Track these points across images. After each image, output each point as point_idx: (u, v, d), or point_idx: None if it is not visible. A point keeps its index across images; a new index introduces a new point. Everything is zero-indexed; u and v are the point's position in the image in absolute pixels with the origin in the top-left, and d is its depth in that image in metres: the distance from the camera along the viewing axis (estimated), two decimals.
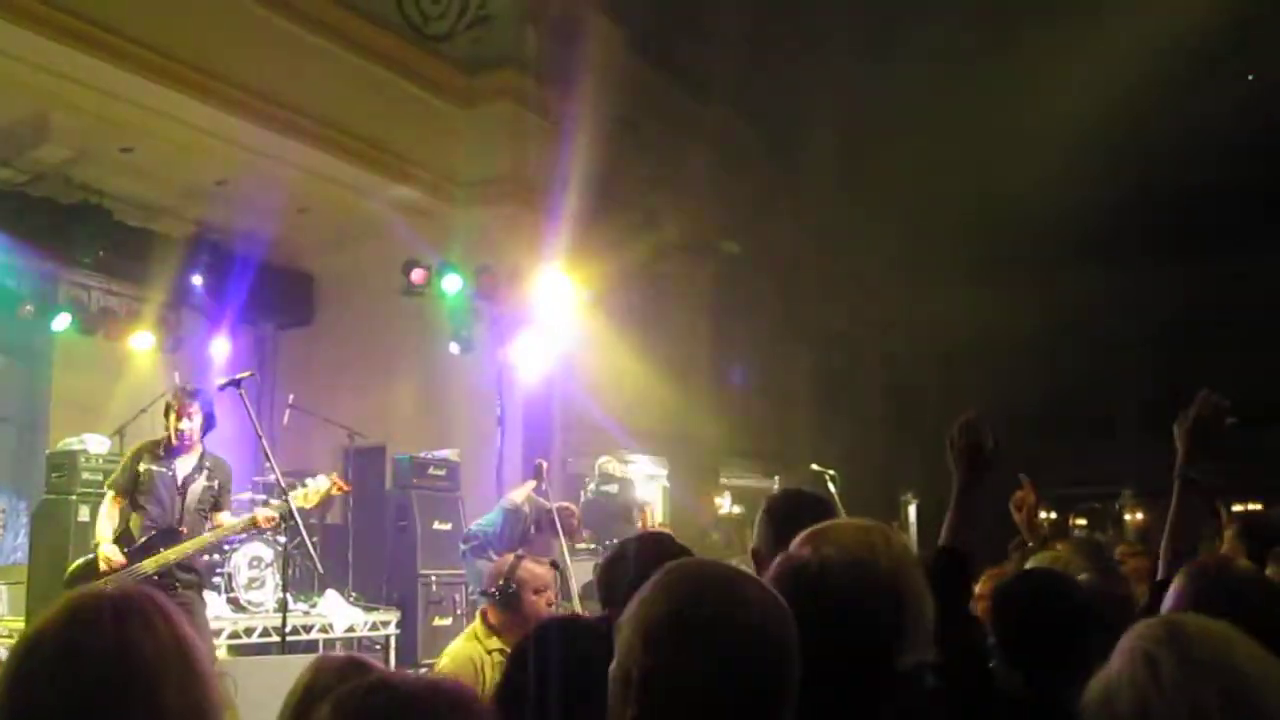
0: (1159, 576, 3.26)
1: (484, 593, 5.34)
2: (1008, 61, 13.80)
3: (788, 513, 3.32)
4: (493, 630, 5.01)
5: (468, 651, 4.94)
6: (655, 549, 3.16)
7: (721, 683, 1.72)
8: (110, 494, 7.53)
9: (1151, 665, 1.70)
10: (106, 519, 7.41)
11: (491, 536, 10.70)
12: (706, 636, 1.74)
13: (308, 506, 7.92)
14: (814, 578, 2.18)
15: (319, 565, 8.08)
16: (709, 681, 1.72)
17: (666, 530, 11.21)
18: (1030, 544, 4.96)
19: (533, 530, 10.72)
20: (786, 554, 2.38)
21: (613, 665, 1.80)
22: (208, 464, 7.64)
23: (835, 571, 2.19)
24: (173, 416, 7.43)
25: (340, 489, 8.17)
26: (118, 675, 1.81)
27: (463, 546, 11.07)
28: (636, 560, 3.09)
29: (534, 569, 5.16)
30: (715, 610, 1.76)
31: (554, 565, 5.60)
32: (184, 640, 1.90)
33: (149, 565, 7.16)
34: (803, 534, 2.55)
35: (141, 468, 7.41)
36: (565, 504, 10.96)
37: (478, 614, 5.35)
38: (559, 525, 10.42)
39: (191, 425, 7.42)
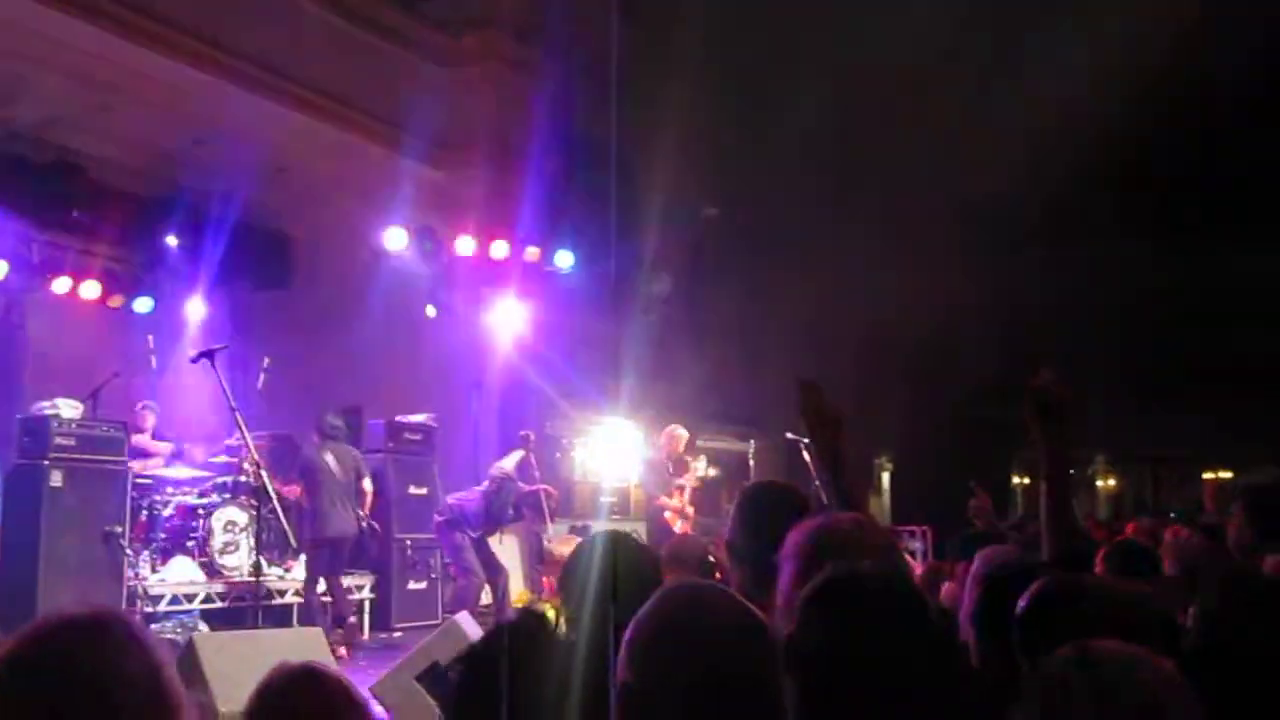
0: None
1: None
2: (994, 31, 13.78)
3: (763, 507, 3.37)
4: None
5: None
6: (612, 551, 3.17)
7: (698, 699, 1.80)
8: None
9: (1065, 691, 1.74)
10: None
11: (469, 512, 10.71)
12: (683, 655, 1.82)
13: None
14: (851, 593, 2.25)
15: (292, 537, 8.10)
16: (687, 698, 1.81)
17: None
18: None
19: (511, 513, 10.72)
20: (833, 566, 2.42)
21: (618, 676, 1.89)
22: None
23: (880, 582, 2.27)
24: None
25: None
26: (86, 702, 1.82)
27: (437, 518, 11.09)
28: (594, 563, 3.11)
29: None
30: (694, 631, 1.85)
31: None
32: (156, 667, 1.91)
33: None
34: (815, 531, 2.60)
35: None
36: (545, 486, 10.96)
37: None
38: (544, 508, 10.47)
39: None
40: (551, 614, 3.34)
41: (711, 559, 5.12)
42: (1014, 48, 13.45)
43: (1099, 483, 23.77)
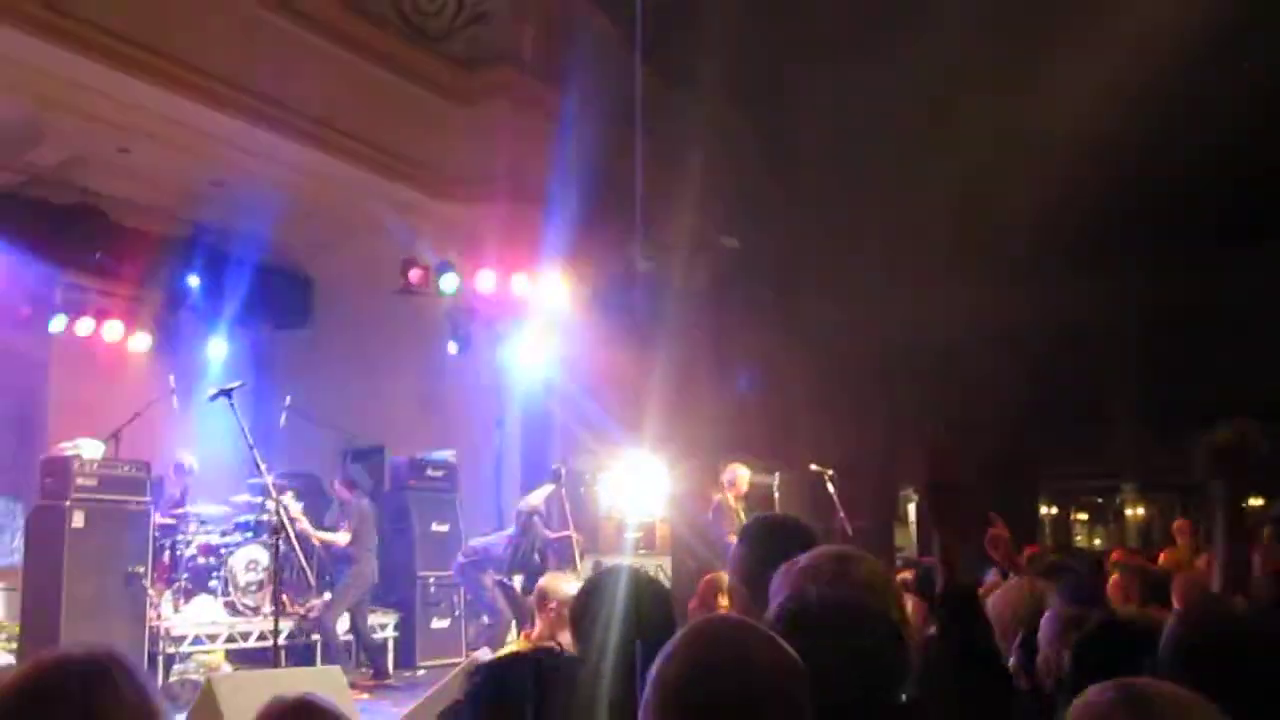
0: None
1: None
2: (1004, 64, 13.73)
3: (768, 540, 3.32)
4: None
5: None
6: (629, 587, 3.11)
7: None
8: None
9: None
10: None
11: (495, 556, 10.66)
12: (721, 698, 1.76)
13: None
14: (815, 620, 2.23)
15: (310, 576, 8.07)
16: None
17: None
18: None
19: (538, 559, 10.64)
20: (788, 594, 2.40)
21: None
22: None
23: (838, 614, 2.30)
24: None
25: None
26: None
27: (461, 559, 11.02)
28: (609, 597, 3.05)
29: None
30: (730, 672, 1.79)
31: None
32: (151, 707, 1.86)
33: None
34: (799, 571, 2.55)
35: None
36: (570, 531, 10.89)
37: None
38: (574, 553, 10.41)
39: None
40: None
41: None
42: (1035, 66, 13.40)
43: (1128, 512, 23.50)
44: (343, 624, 11.44)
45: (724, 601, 5.59)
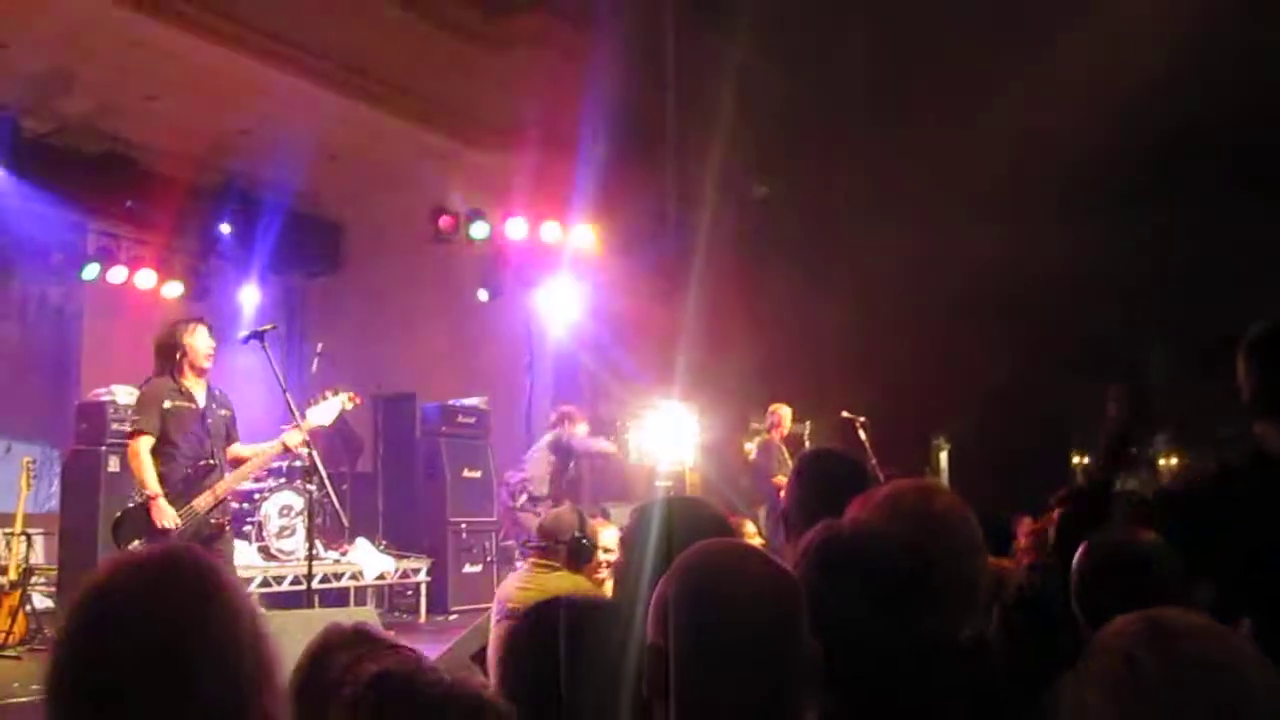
0: None
1: None
2: (1049, 5, 13.55)
3: (817, 474, 3.27)
4: None
5: None
6: (681, 520, 3.02)
7: (731, 656, 1.76)
8: (145, 439, 6.93)
9: (1131, 666, 1.56)
10: (150, 467, 6.83)
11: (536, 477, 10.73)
12: (711, 614, 1.78)
13: (328, 423, 7.72)
14: (846, 546, 2.27)
15: (344, 517, 8.12)
16: (720, 657, 1.76)
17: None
18: None
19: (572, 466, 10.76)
20: (826, 523, 2.38)
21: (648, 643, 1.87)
22: (216, 393, 7.40)
23: (865, 539, 2.31)
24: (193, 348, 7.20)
25: (354, 401, 7.95)
26: (152, 656, 1.68)
27: (509, 502, 11.03)
28: (643, 537, 2.99)
29: None
30: (719, 588, 1.81)
31: None
32: (245, 600, 1.79)
33: (200, 504, 6.82)
34: (879, 501, 2.53)
35: (167, 405, 7.02)
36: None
37: None
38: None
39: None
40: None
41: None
42: (1085, 5, 13.21)
43: (1160, 461, 23.36)
44: (373, 569, 11.54)
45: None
